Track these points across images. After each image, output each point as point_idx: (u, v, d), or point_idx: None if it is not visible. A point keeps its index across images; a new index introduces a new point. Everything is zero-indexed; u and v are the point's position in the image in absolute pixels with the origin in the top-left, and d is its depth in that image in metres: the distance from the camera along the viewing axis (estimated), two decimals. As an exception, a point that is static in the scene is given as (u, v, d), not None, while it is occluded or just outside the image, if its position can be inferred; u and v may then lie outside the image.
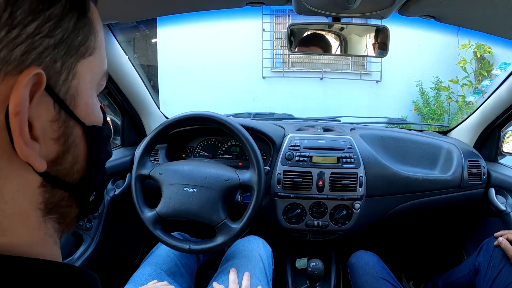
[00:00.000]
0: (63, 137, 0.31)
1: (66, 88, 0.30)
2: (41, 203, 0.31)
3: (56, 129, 0.30)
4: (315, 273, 1.10)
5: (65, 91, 0.30)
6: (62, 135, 0.30)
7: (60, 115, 0.30)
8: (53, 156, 0.30)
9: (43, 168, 0.29)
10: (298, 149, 1.23)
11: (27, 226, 0.30)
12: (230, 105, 5.44)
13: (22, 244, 0.30)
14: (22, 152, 0.27)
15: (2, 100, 0.26)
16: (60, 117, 0.30)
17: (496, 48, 4.98)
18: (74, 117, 0.31)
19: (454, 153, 1.34)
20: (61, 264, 0.31)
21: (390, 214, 1.31)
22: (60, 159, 0.31)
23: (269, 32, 6.08)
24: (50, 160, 0.30)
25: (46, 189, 0.31)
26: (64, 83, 0.30)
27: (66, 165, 0.32)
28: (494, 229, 1.16)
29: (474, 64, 5.28)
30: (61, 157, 0.31)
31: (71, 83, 0.30)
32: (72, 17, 0.30)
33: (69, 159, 0.32)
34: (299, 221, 1.24)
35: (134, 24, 5.62)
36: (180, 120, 1.08)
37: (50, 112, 0.29)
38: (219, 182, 0.99)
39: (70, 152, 0.32)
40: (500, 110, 1.34)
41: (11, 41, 0.25)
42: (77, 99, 0.31)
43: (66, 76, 0.30)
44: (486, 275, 1.06)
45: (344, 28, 1.09)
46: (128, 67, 1.29)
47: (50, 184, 0.31)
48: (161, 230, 1.02)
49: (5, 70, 0.26)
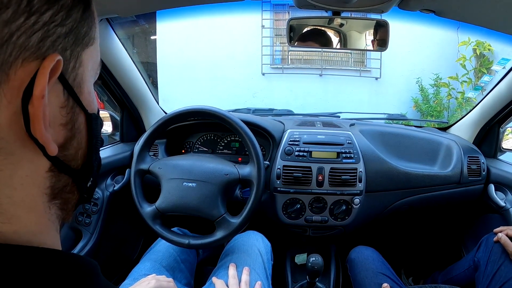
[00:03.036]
0: (70, 123, 0.32)
1: (74, 76, 0.32)
2: (48, 188, 0.32)
3: (65, 115, 0.31)
4: (315, 268, 1.10)
5: (73, 78, 0.32)
6: (70, 121, 0.32)
7: (68, 102, 0.31)
8: (61, 141, 0.31)
9: (55, 151, 0.30)
10: (297, 144, 1.23)
11: (34, 212, 0.31)
12: (229, 102, 5.42)
13: (26, 232, 0.30)
14: (42, 135, 0.28)
15: (19, 85, 0.27)
16: (68, 103, 0.31)
17: (496, 45, 4.98)
18: (80, 104, 0.33)
19: (453, 149, 1.34)
20: (63, 253, 0.32)
21: (389, 209, 1.31)
22: (67, 144, 0.32)
23: (268, 28, 6.06)
24: (58, 145, 0.31)
25: (53, 173, 0.32)
26: (72, 71, 0.31)
27: (72, 150, 0.33)
28: (493, 225, 1.16)
29: (473, 62, 5.28)
30: (68, 142, 0.32)
31: (78, 71, 0.32)
32: (80, 8, 0.31)
33: (74, 145, 0.33)
34: (298, 216, 1.24)
35: (133, 18, 5.60)
36: (180, 114, 1.07)
37: (60, 99, 0.30)
38: (219, 177, 0.99)
39: (75, 137, 0.33)
40: (500, 106, 1.34)
41: (29, 28, 0.26)
42: (82, 87, 0.33)
43: (74, 64, 0.31)
44: (486, 271, 1.06)
45: (344, 24, 1.09)
46: (127, 62, 1.29)
47: (57, 169, 0.32)
48: (161, 225, 1.02)
49: (23, 56, 0.26)
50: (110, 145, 1.46)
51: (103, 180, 1.31)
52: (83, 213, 1.23)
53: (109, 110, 1.53)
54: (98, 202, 1.25)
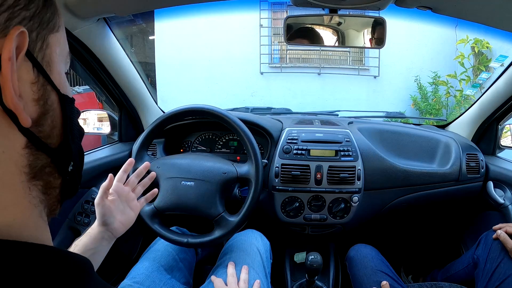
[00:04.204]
0: (42, 99, 0.33)
1: (42, 55, 0.33)
2: (26, 166, 0.32)
3: (36, 91, 0.33)
4: (314, 266, 1.10)
5: (42, 57, 0.33)
6: (41, 97, 0.33)
7: (39, 79, 0.33)
8: (35, 116, 0.32)
9: (28, 123, 0.31)
10: (296, 142, 1.23)
11: (13, 192, 0.31)
12: (228, 101, 5.42)
13: (12, 225, 0.31)
14: (14, 103, 0.29)
15: None
16: (39, 80, 0.33)
17: (494, 43, 4.98)
18: (51, 82, 0.34)
19: (452, 146, 1.34)
20: (52, 248, 0.32)
21: (388, 207, 1.31)
22: (41, 119, 0.33)
23: (266, 27, 6.05)
24: (32, 120, 0.32)
25: (30, 151, 0.32)
26: (40, 51, 0.33)
27: (46, 127, 0.34)
28: (492, 223, 1.16)
29: (472, 59, 5.28)
30: (41, 117, 0.33)
31: (45, 51, 0.34)
32: None
33: (48, 122, 0.34)
34: (297, 215, 1.24)
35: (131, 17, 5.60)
36: (177, 113, 1.07)
37: (30, 75, 0.32)
38: (217, 175, 0.99)
39: (49, 114, 0.34)
40: (498, 103, 1.34)
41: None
42: (52, 67, 0.35)
43: (41, 45, 0.33)
44: (485, 268, 1.06)
45: (342, 22, 1.09)
46: (125, 62, 1.28)
47: (34, 146, 0.33)
48: (159, 224, 1.02)
49: None
50: (108, 145, 1.46)
51: (102, 180, 1.29)
52: (82, 213, 1.22)
53: (107, 110, 1.52)
54: None
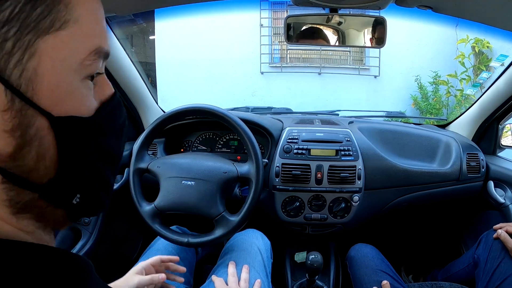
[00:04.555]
0: (19, 129, 0.27)
1: (20, 71, 0.26)
2: (6, 201, 0.28)
3: (9, 119, 0.26)
4: (314, 266, 1.09)
5: (18, 75, 0.26)
6: (18, 127, 0.27)
7: (13, 104, 0.26)
8: (9, 150, 0.27)
9: None
10: (296, 142, 1.23)
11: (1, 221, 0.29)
12: (228, 101, 5.42)
13: None
14: None
15: None
16: (13, 105, 0.26)
17: (495, 42, 4.98)
18: (33, 105, 0.27)
19: (452, 146, 1.34)
20: (52, 248, 0.30)
21: (389, 207, 1.31)
22: (18, 154, 0.27)
23: (267, 27, 6.06)
24: (6, 155, 0.27)
25: (8, 186, 0.28)
26: (17, 65, 0.26)
27: (28, 161, 0.28)
28: (493, 222, 1.15)
29: (472, 59, 5.28)
30: (18, 152, 0.27)
31: (27, 64, 0.26)
32: None
33: (31, 155, 0.28)
34: (297, 214, 1.24)
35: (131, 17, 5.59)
36: (178, 113, 1.07)
37: (1, 100, 0.26)
38: (217, 175, 0.99)
39: (31, 146, 0.28)
40: (498, 103, 1.33)
41: None
42: (37, 84, 0.27)
43: (19, 56, 0.26)
44: (486, 268, 1.06)
45: (343, 22, 1.09)
46: (125, 62, 1.28)
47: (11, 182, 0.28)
48: (160, 224, 1.02)
49: None
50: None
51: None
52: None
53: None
54: None
